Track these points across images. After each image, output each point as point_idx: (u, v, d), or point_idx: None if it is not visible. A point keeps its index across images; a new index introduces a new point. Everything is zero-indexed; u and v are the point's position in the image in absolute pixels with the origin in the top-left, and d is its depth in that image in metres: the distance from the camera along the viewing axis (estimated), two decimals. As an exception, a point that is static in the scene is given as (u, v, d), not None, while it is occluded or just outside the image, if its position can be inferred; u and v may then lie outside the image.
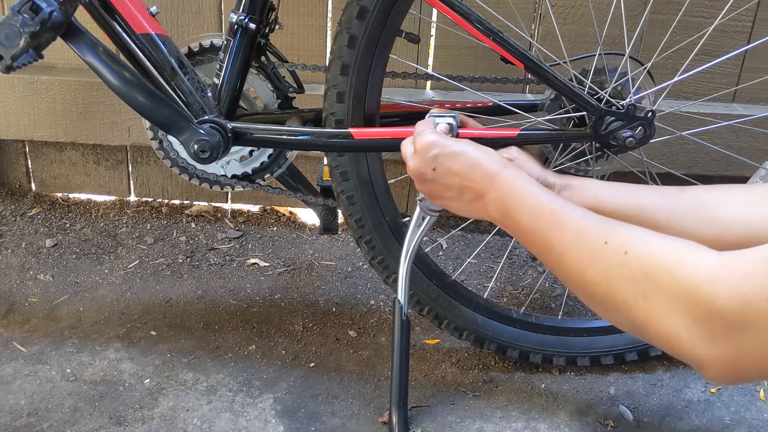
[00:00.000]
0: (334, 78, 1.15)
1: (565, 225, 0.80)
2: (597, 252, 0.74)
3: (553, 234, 0.80)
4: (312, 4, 1.59)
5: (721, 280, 0.63)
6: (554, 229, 0.81)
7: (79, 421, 1.19)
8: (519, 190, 0.88)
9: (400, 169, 1.72)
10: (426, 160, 0.96)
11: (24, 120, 1.64)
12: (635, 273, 0.69)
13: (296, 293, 1.55)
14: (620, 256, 0.72)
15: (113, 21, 1.11)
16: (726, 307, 0.62)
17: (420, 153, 0.97)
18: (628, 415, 1.30)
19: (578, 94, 1.12)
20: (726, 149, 1.54)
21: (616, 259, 0.72)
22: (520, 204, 0.87)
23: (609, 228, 0.76)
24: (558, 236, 0.80)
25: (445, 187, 0.96)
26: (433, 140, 0.96)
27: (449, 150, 0.94)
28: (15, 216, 1.72)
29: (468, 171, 0.93)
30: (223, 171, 1.30)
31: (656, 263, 0.68)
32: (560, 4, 1.59)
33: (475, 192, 0.93)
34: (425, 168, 0.96)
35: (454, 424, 1.25)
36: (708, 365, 0.64)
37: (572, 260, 0.77)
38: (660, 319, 0.67)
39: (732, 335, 0.62)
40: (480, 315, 1.35)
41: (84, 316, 1.44)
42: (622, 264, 0.71)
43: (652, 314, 0.67)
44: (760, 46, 1.58)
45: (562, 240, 0.79)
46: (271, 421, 1.23)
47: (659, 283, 0.67)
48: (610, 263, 0.72)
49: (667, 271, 0.67)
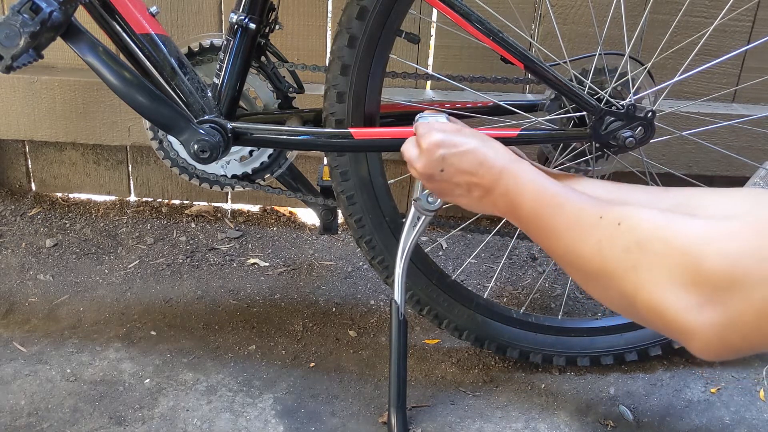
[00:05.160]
0: (334, 78, 1.15)
1: (564, 206, 0.82)
2: (592, 226, 0.76)
3: (553, 217, 0.82)
4: (312, 4, 1.59)
5: (710, 241, 0.63)
6: (554, 213, 0.82)
7: (79, 421, 1.19)
8: (523, 182, 0.89)
9: (400, 169, 1.72)
10: (433, 162, 0.95)
11: (24, 120, 1.64)
12: (628, 242, 0.70)
13: (296, 293, 1.55)
14: (614, 228, 0.73)
15: (113, 21, 1.11)
16: (714, 268, 0.62)
17: (426, 154, 0.96)
18: (628, 415, 1.30)
19: (578, 94, 1.12)
20: (726, 149, 1.55)
21: (610, 231, 0.73)
22: (525, 193, 0.88)
23: (606, 205, 0.78)
24: (557, 219, 0.82)
25: (454, 185, 0.96)
26: (440, 140, 0.95)
27: (457, 150, 0.94)
28: (15, 216, 1.72)
29: (476, 169, 0.93)
30: (223, 171, 1.30)
31: (648, 231, 0.69)
32: (560, 4, 1.59)
33: (483, 188, 0.93)
34: (433, 169, 0.96)
35: (454, 424, 1.25)
36: (695, 335, 0.64)
37: (569, 239, 0.78)
38: (648, 288, 0.67)
39: (719, 299, 0.61)
40: (480, 315, 1.35)
41: (84, 316, 1.44)
42: (615, 235, 0.72)
43: (640, 283, 0.67)
44: (760, 46, 1.58)
45: (561, 221, 0.81)
46: (271, 421, 1.23)
47: (650, 251, 0.67)
48: (603, 235, 0.73)
49: (658, 237, 0.67)
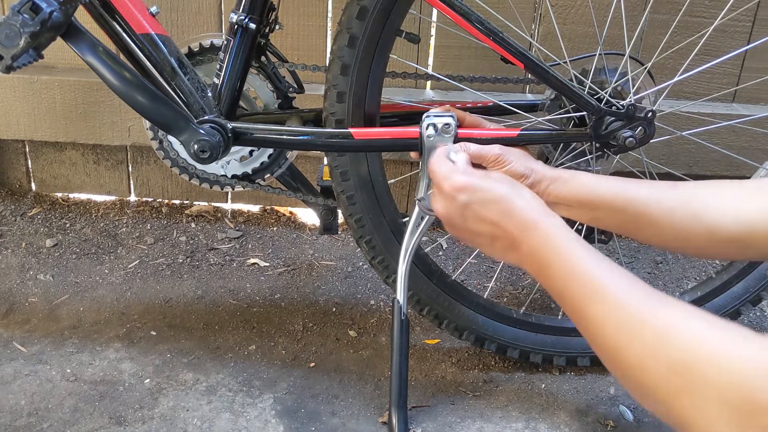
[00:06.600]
0: (334, 78, 1.15)
1: (599, 293, 0.72)
2: (633, 332, 0.67)
3: (589, 305, 0.73)
4: (312, 4, 1.60)
5: (766, 375, 0.57)
6: (591, 299, 0.73)
7: (79, 421, 1.19)
8: (554, 246, 0.80)
9: (400, 169, 1.72)
10: (455, 207, 0.89)
11: (24, 120, 1.64)
12: (675, 362, 0.63)
13: (296, 293, 1.55)
14: (659, 340, 0.65)
15: (113, 21, 1.11)
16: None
17: (448, 198, 0.89)
18: (628, 415, 1.30)
19: (578, 94, 1.12)
20: (726, 149, 1.55)
21: (654, 344, 0.65)
22: (555, 262, 0.79)
23: (649, 301, 0.69)
24: (594, 308, 0.72)
25: (476, 234, 0.89)
26: (464, 184, 0.88)
27: (482, 196, 0.87)
28: (15, 216, 1.72)
29: (501, 219, 0.85)
30: (223, 171, 1.30)
31: (698, 352, 0.62)
32: (560, 4, 1.59)
33: (508, 242, 0.85)
34: (454, 214, 0.89)
35: (454, 424, 1.25)
36: None
37: (606, 336, 0.70)
38: (700, 417, 0.60)
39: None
40: (480, 315, 1.35)
41: (84, 316, 1.44)
42: (660, 350, 0.64)
43: (691, 409, 0.61)
44: (760, 46, 1.58)
45: (596, 311, 0.72)
46: (271, 421, 1.23)
47: (701, 376, 0.60)
48: (646, 347, 0.65)
49: (710, 362, 0.60)
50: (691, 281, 1.67)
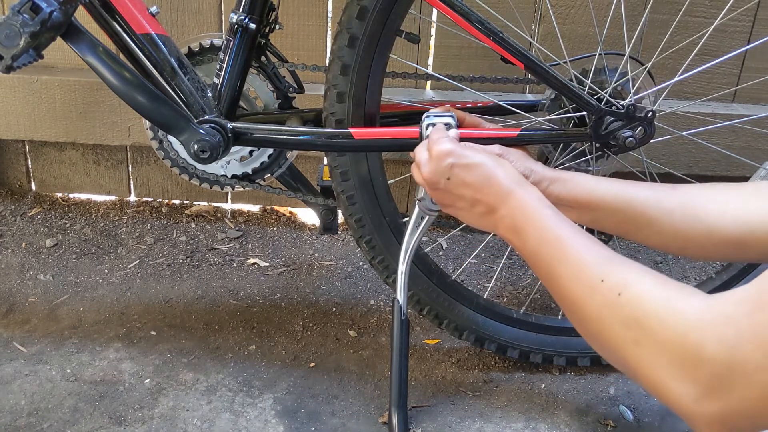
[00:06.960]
0: (334, 78, 1.15)
1: (568, 256, 0.79)
2: (593, 289, 0.74)
3: (555, 263, 0.80)
4: (312, 4, 1.59)
5: (708, 326, 0.61)
6: (557, 259, 0.80)
7: (79, 421, 1.19)
8: (529, 211, 0.87)
9: (400, 169, 1.72)
10: (441, 169, 0.94)
11: (24, 120, 1.64)
12: (627, 316, 0.69)
13: (296, 293, 1.55)
14: (614, 296, 0.71)
15: (113, 21, 1.11)
16: (713, 357, 0.60)
17: (435, 161, 0.95)
18: (628, 415, 1.30)
19: (578, 94, 1.12)
20: (726, 149, 1.55)
21: (610, 300, 0.71)
22: (528, 225, 0.86)
23: (609, 263, 0.75)
24: (560, 267, 0.79)
25: (457, 197, 0.94)
26: (450, 149, 0.94)
27: (465, 161, 0.93)
28: (15, 216, 1.72)
29: (482, 184, 0.91)
30: (223, 171, 1.30)
31: (647, 308, 0.67)
32: (560, 4, 1.59)
33: (486, 206, 0.91)
34: (439, 177, 0.95)
35: (454, 424, 1.25)
36: (698, 421, 0.63)
37: (570, 293, 0.77)
38: (650, 367, 0.65)
39: (720, 388, 0.60)
40: (480, 315, 1.35)
41: (84, 316, 1.44)
42: (614, 305, 0.70)
43: (642, 361, 0.66)
44: (760, 46, 1.58)
45: (562, 270, 0.79)
46: (271, 421, 1.23)
47: (649, 330, 0.66)
48: (604, 303, 0.72)
49: (657, 317, 0.66)
50: (691, 281, 1.67)
